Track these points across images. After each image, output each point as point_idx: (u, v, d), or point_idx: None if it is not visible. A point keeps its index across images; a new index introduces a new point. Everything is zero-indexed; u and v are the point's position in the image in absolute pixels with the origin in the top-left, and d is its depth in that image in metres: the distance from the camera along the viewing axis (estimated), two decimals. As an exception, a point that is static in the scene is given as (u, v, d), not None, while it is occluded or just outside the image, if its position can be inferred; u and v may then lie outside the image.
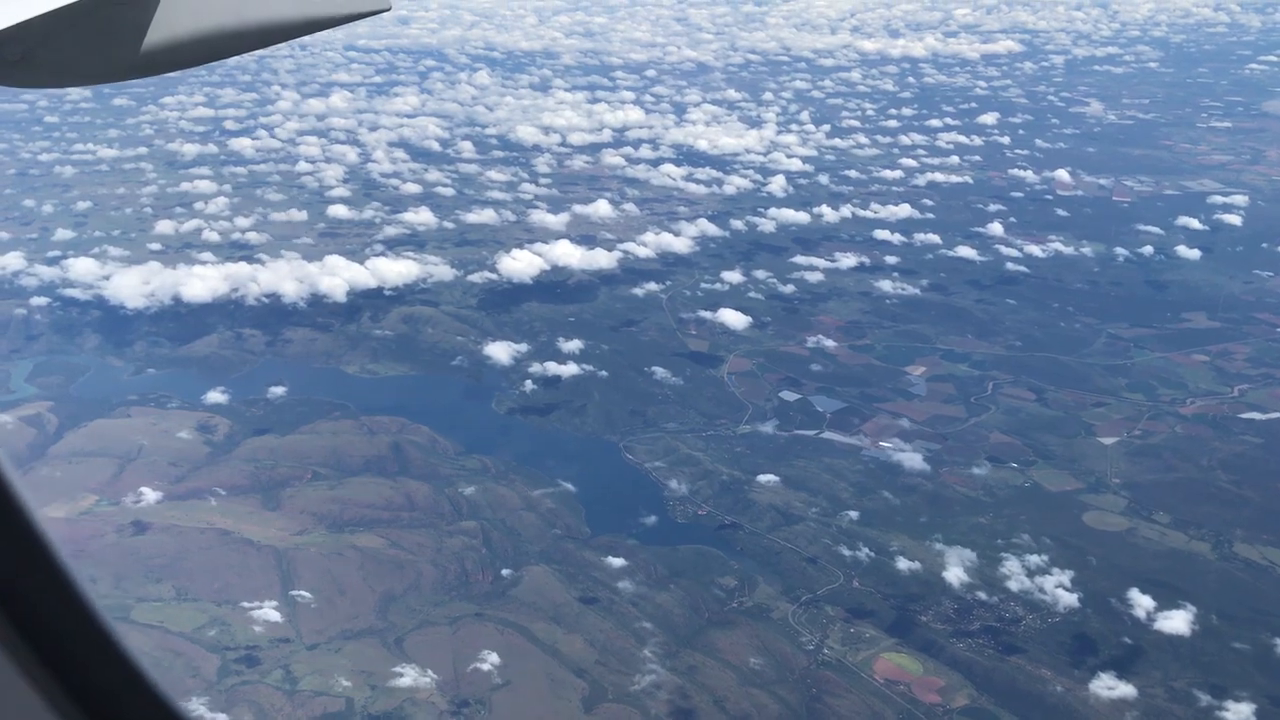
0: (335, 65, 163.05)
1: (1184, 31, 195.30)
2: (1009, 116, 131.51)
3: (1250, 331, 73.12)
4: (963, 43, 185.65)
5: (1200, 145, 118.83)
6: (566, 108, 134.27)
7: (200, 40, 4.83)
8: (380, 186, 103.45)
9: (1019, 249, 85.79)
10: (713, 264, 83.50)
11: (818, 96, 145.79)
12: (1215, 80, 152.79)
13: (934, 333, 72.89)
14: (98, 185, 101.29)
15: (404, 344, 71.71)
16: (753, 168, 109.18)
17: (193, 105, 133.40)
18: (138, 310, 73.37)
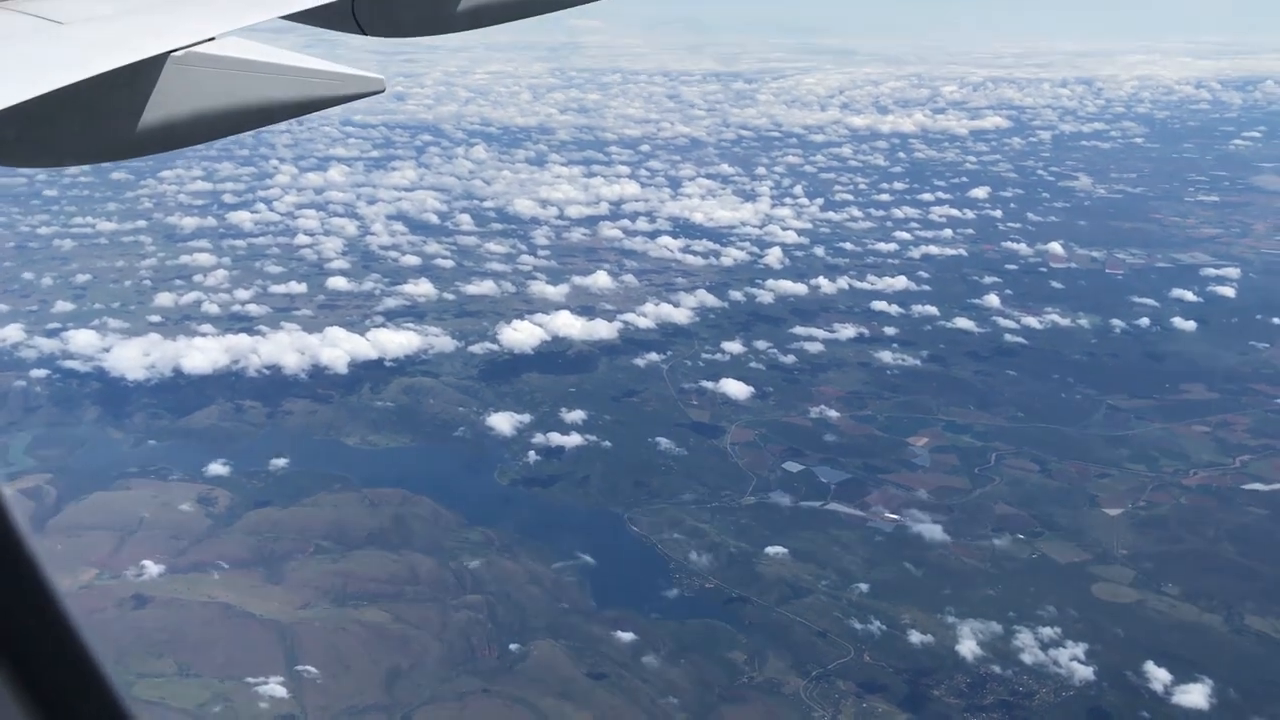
0: (332, 140, 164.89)
1: (1167, 108, 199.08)
2: (1000, 190, 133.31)
3: (1249, 402, 73.40)
4: (951, 119, 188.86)
5: (1189, 219, 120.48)
6: (563, 181, 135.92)
7: (196, 120, 4.89)
8: (379, 258, 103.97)
9: (1016, 321, 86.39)
10: (712, 334, 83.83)
11: (810, 171, 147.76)
12: (1200, 155, 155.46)
13: (935, 404, 73.00)
14: (97, 258, 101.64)
15: (405, 415, 71.48)
16: (749, 240, 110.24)
17: (191, 179, 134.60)
18: (138, 382, 73.15)
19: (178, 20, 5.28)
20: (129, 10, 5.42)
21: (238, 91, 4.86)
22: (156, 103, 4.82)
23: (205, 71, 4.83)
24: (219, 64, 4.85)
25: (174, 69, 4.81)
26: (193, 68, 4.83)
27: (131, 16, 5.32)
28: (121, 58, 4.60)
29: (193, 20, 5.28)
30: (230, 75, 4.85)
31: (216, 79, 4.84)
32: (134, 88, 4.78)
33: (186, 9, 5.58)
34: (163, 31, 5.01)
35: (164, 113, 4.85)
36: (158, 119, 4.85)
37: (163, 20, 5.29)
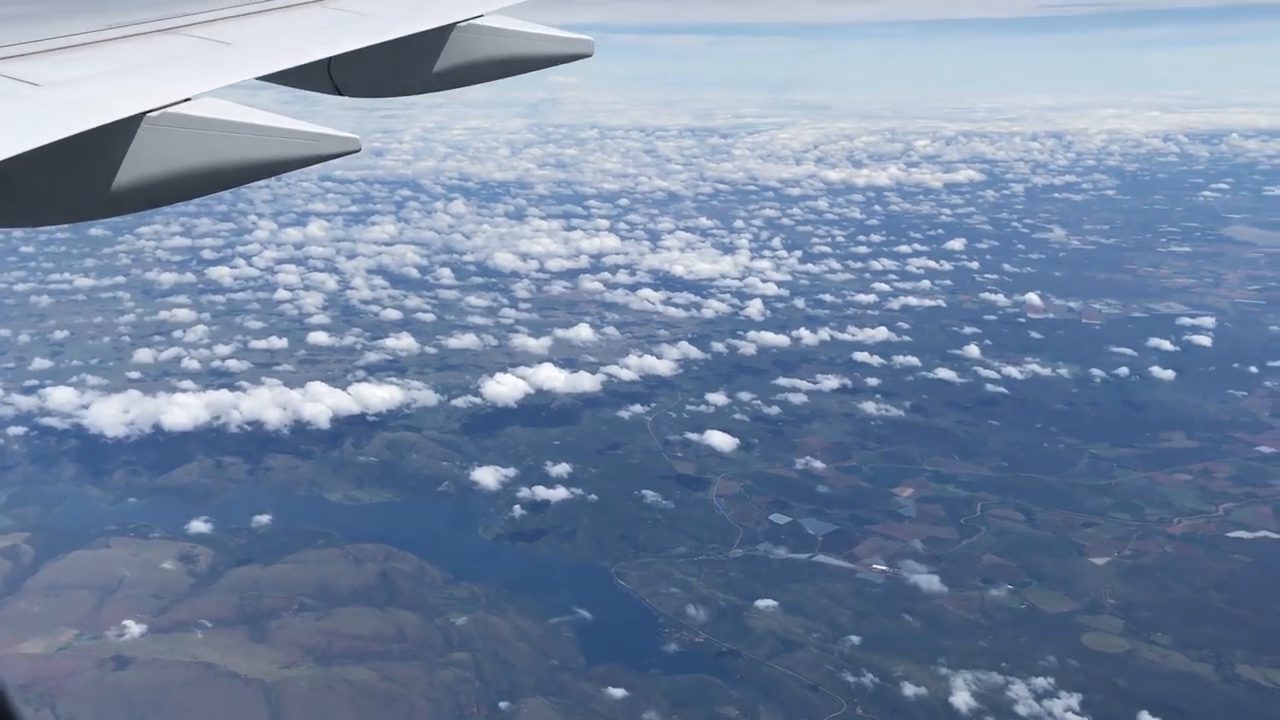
0: (311, 195, 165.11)
1: (1137, 161, 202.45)
2: (975, 242, 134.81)
3: (1229, 450, 73.92)
4: (925, 172, 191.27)
5: (1162, 269, 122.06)
6: (543, 235, 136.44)
7: (171, 180, 4.90)
8: (360, 313, 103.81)
9: (997, 371, 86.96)
10: (696, 386, 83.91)
11: (787, 224, 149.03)
12: (1171, 207, 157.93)
13: (919, 454, 73.13)
14: (74, 315, 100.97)
15: (388, 470, 70.95)
16: (729, 292, 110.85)
17: (169, 235, 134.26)
18: (117, 439, 72.38)
19: (153, 81, 5.31)
20: (105, 72, 5.43)
21: (213, 151, 4.86)
22: (131, 163, 4.82)
23: (180, 132, 4.84)
24: (194, 124, 4.86)
25: (149, 129, 4.81)
26: (168, 128, 4.84)
27: (107, 78, 5.33)
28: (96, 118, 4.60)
29: (168, 81, 5.31)
30: (205, 135, 4.85)
31: (191, 139, 4.84)
32: (108, 148, 4.78)
33: (162, 70, 5.60)
34: (138, 92, 5.03)
35: (139, 173, 4.85)
36: (132, 179, 4.85)
37: (138, 81, 5.32)
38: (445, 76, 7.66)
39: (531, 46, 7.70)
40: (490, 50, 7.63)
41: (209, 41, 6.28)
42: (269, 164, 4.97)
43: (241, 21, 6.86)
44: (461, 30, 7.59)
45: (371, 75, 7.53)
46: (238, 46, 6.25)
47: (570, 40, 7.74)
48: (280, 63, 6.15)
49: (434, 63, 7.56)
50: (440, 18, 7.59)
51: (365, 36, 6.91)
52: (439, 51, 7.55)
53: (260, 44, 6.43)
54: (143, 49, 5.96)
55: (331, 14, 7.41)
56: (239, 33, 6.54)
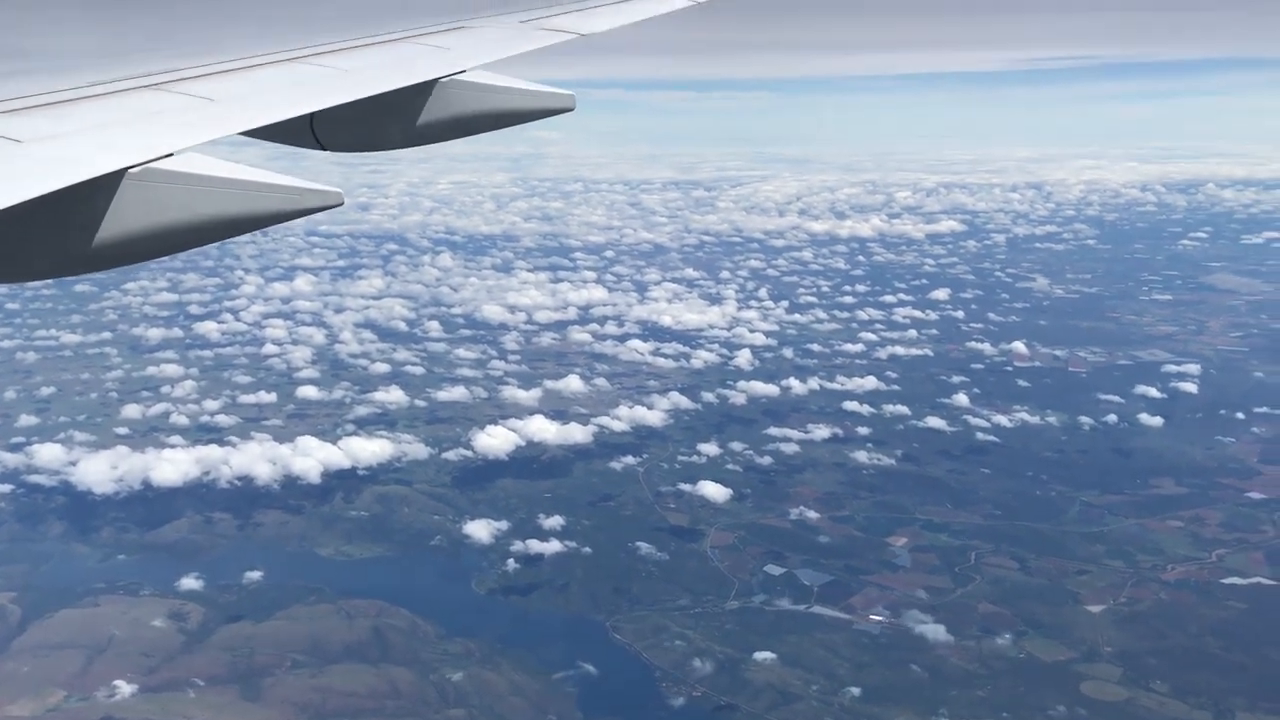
0: (298, 250, 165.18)
1: (1116, 210, 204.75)
2: (960, 292, 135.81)
3: (1219, 497, 74.21)
4: (907, 223, 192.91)
5: (1145, 317, 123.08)
6: (530, 287, 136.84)
7: (154, 235, 4.94)
8: (349, 367, 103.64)
9: (986, 419, 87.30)
10: (687, 436, 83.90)
11: (773, 274, 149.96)
12: (1151, 255, 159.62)
13: (912, 503, 73.18)
14: (61, 371, 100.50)
15: (379, 524, 70.54)
16: (717, 342, 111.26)
17: (156, 291, 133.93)
18: (105, 495, 71.82)
19: (136, 137, 5.36)
20: (88, 128, 5.48)
21: (196, 206, 4.91)
22: (114, 218, 4.85)
23: (163, 187, 4.89)
24: (176, 179, 4.91)
25: (131, 184, 4.86)
26: (150, 183, 4.88)
27: (90, 134, 5.38)
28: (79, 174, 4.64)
29: (151, 137, 5.36)
30: (188, 190, 4.90)
31: (174, 194, 4.89)
32: (91, 204, 4.81)
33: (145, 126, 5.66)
34: (121, 148, 5.08)
35: (122, 228, 4.88)
36: (116, 234, 4.89)
37: (121, 137, 5.36)
38: (428, 131, 7.73)
39: (514, 101, 7.78)
40: (473, 105, 7.70)
41: (192, 98, 6.32)
42: (252, 218, 5.02)
43: (225, 78, 6.90)
44: (444, 85, 7.65)
45: (354, 130, 7.59)
46: (221, 102, 6.29)
47: (552, 95, 7.84)
48: (263, 118, 6.20)
49: (416, 117, 7.62)
50: (423, 73, 7.66)
51: (348, 92, 6.96)
52: (421, 106, 7.61)
53: (243, 100, 6.47)
54: (126, 105, 6.01)
55: (314, 70, 7.45)
56: (222, 89, 6.59)
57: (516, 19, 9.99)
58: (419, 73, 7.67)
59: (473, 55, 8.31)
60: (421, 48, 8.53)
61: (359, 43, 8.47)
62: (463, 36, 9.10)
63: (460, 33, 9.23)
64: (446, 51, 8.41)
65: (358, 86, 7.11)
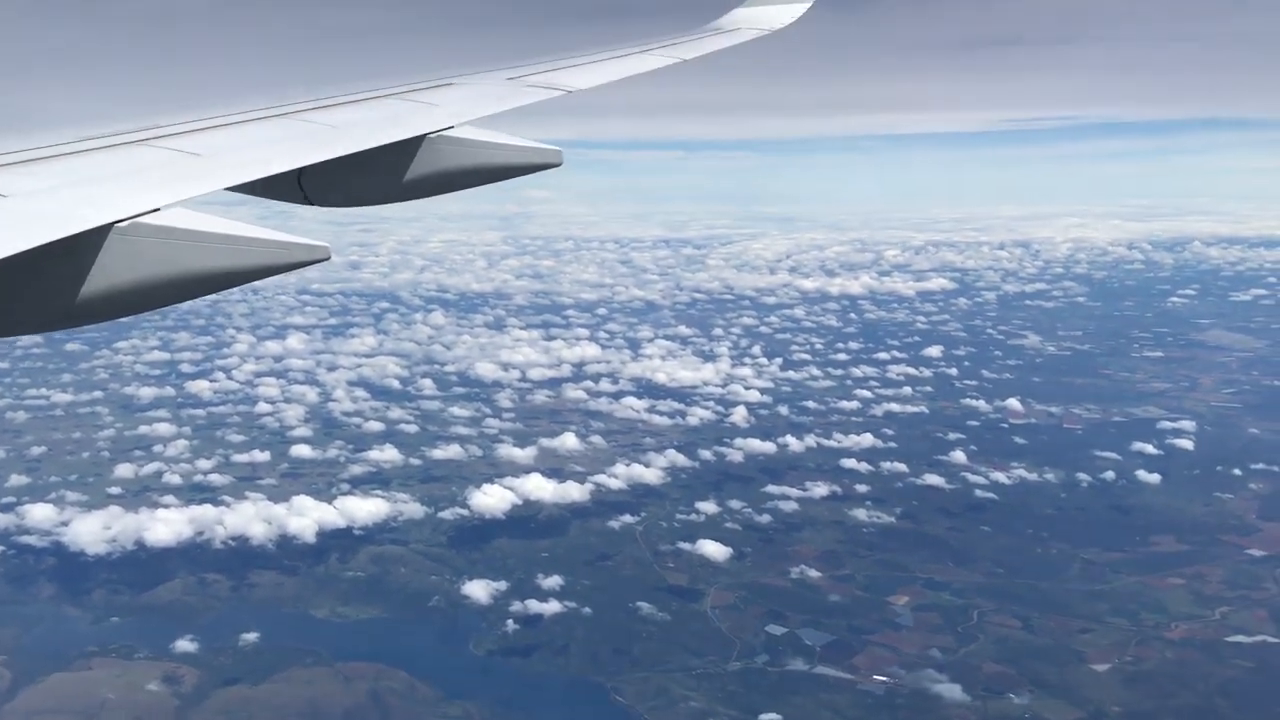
0: (289, 309, 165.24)
1: (1103, 268, 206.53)
2: (953, 349, 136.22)
3: (1219, 554, 73.96)
4: (897, 281, 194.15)
5: (1138, 374, 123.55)
6: (523, 344, 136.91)
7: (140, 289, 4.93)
8: (342, 425, 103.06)
9: (984, 476, 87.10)
10: (685, 495, 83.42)
11: (766, 332, 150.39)
12: (1140, 313, 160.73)
13: (912, 561, 72.71)
14: (52, 430, 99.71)
15: (375, 585, 69.66)
16: (713, 399, 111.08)
17: (147, 349, 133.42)
18: (98, 556, 70.88)
19: (123, 192, 5.35)
20: (75, 183, 5.47)
21: (182, 260, 4.89)
22: (100, 272, 4.84)
23: (149, 241, 4.88)
24: (163, 234, 4.90)
25: (118, 239, 4.85)
26: (137, 238, 4.87)
27: (77, 189, 5.37)
28: (65, 228, 4.63)
29: (138, 192, 5.36)
30: (174, 244, 4.89)
31: (161, 248, 4.88)
32: (78, 258, 4.80)
33: (133, 181, 5.64)
34: (107, 203, 5.08)
35: (108, 282, 4.87)
36: (102, 288, 4.87)
37: (109, 192, 5.35)
38: (416, 186, 7.73)
39: (502, 156, 7.79)
40: (461, 160, 7.71)
41: (180, 153, 6.32)
42: (239, 272, 5.01)
43: (212, 133, 6.92)
44: (432, 141, 7.66)
45: (342, 185, 7.60)
46: (208, 158, 6.30)
47: (540, 150, 7.85)
48: (251, 173, 6.22)
49: (404, 172, 7.63)
50: (411, 129, 7.68)
51: (336, 148, 6.98)
52: (409, 161, 7.62)
53: (231, 155, 6.48)
54: (113, 160, 6.01)
55: (302, 125, 7.47)
56: (210, 144, 6.61)
57: (504, 75, 10.03)
58: (407, 128, 7.69)
59: (461, 111, 8.34)
60: (409, 104, 8.54)
61: (347, 99, 8.50)
62: (450, 93, 9.10)
63: (448, 89, 9.24)
64: (434, 108, 8.41)
65: (346, 142, 7.14)
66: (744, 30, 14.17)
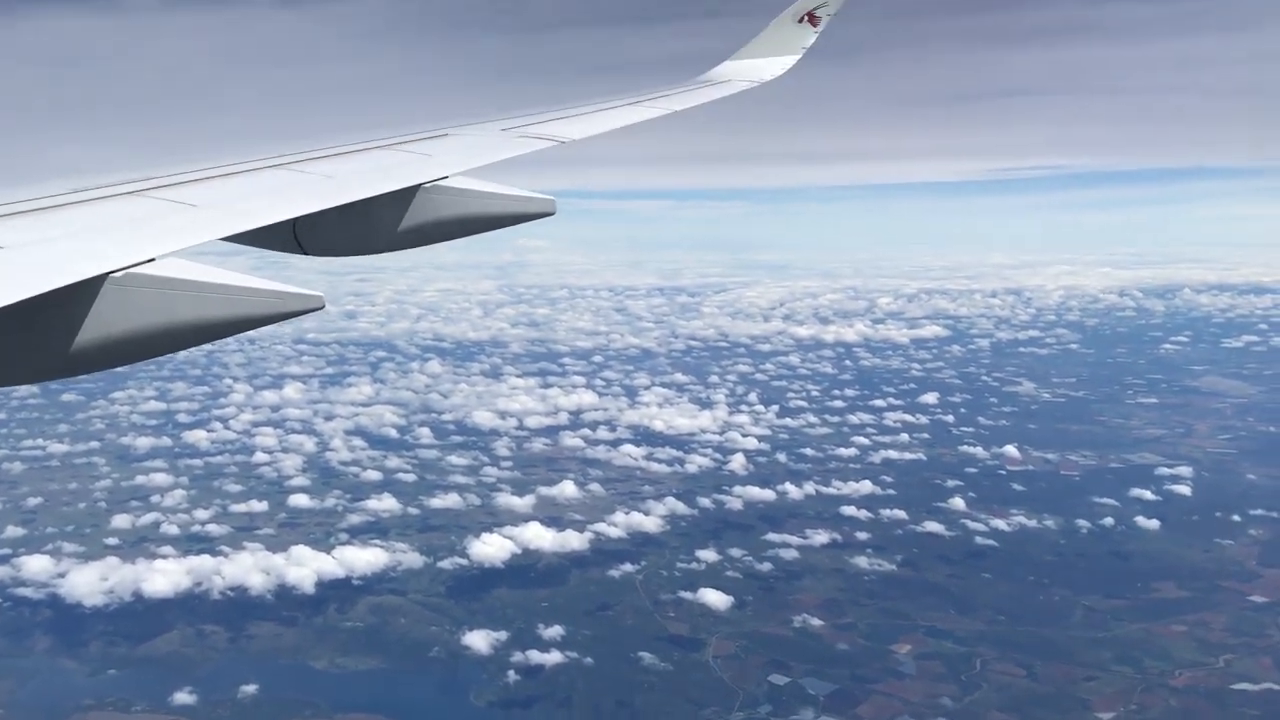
0: (286, 358, 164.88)
1: (1096, 315, 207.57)
2: (948, 396, 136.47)
3: (1221, 600, 73.87)
4: (891, 328, 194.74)
5: (1133, 420, 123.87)
6: (520, 393, 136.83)
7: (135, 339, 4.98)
8: (340, 474, 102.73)
9: (984, 523, 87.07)
10: (685, 543, 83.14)
11: (762, 379, 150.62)
12: (1134, 360, 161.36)
13: (914, 609, 72.47)
14: (48, 481, 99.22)
15: (375, 636, 69.15)
16: (710, 447, 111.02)
17: (144, 399, 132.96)
18: (95, 608, 70.35)
19: (118, 243, 5.40)
20: (70, 234, 5.54)
21: (177, 310, 4.94)
22: (95, 323, 4.88)
23: (144, 291, 4.91)
24: (157, 284, 4.94)
25: (112, 289, 4.89)
26: (131, 288, 4.91)
27: (72, 240, 5.43)
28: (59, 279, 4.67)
29: (133, 242, 5.40)
30: (169, 294, 4.93)
31: (155, 298, 4.92)
32: (72, 308, 4.85)
33: (127, 231, 5.69)
34: (102, 253, 5.12)
35: (103, 332, 4.91)
36: (96, 338, 4.91)
37: (103, 243, 5.40)
38: (410, 235, 7.76)
39: (496, 206, 7.85)
40: (455, 210, 7.76)
41: (175, 203, 6.36)
42: (234, 321, 5.04)
43: (207, 184, 6.96)
44: (426, 191, 7.71)
45: (337, 235, 7.64)
46: (203, 208, 6.34)
47: (533, 199, 7.91)
48: (245, 223, 6.25)
49: (399, 222, 7.65)
50: (405, 179, 7.73)
51: (331, 197, 7.01)
52: (404, 211, 7.65)
53: (226, 205, 6.52)
54: (108, 211, 6.05)
55: (297, 176, 7.52)
56: (204, 195, 6.64)
57: (498, 126, 10.13)
58: (402, 178, 7.74)
59: (455, 162, 8.40)
60: (404, 154, 8.61)
61: (342, 149, 8.55)
62: (445, 143, 9.19)
63: (442, 140, 9.33)
64: (429, 158, 8.49)
65: (341, 192, 7.18)
66: (734, 83, 14.38)
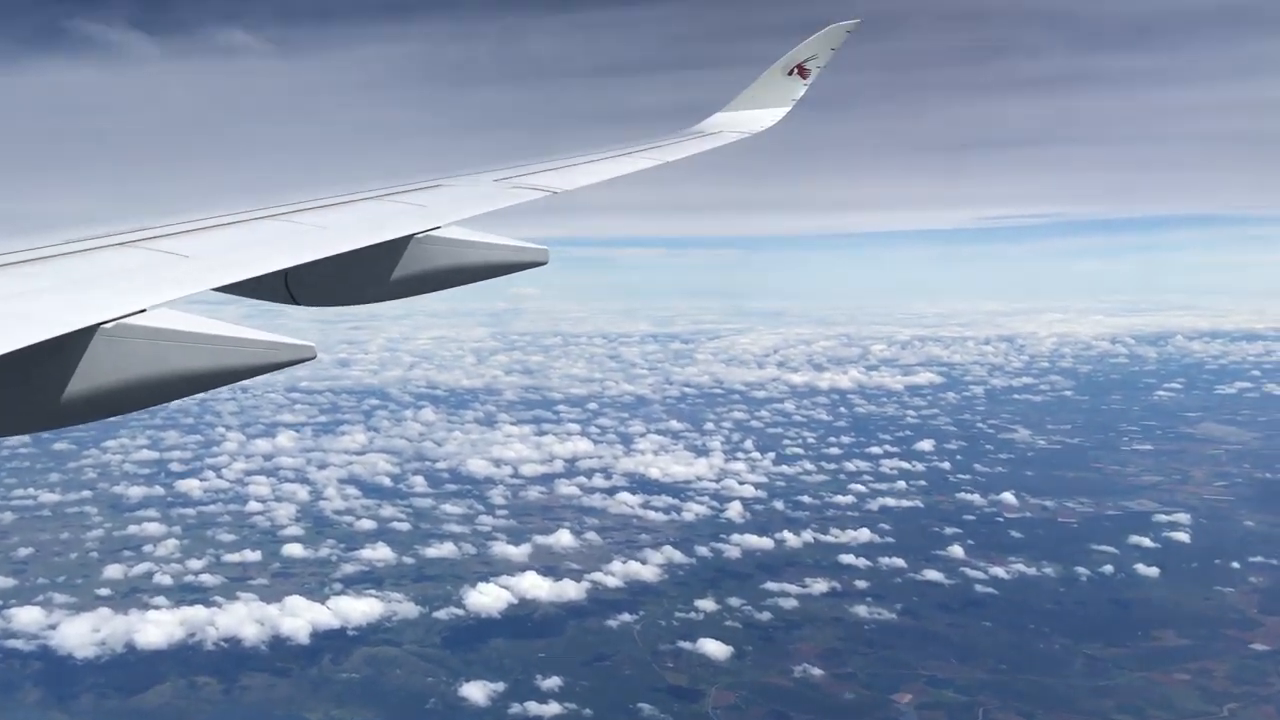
0: (279, 406, 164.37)
1: (1088, 362, 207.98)
2: (944, 443, 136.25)
3: (1223, 649, 73.44)
4: (885, 375, 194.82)
5: (1129, 467, 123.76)
6: (515, 440, 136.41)
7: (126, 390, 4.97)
8: (334, 524, 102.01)
9: (983, 571, 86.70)
10: (683, 592, 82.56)
11: (757, 426, 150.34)
12: (1128, 406, 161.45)
13: (915, 658, 71.90)
14: (39, 531, 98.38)
15: (370, 687, 68.37)
16: (707, 494, 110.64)
17: (136, 448, 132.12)
18: (87, 660, 69.52)
19: (109, 293, 5.40)
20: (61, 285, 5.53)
21: (168, 361, 4.92)
22: (85, 373, 4.86)
23: (135, 342, 4.91)
24: (148, 334, 4.93)
25: (103, 340, 4.88)
26: (122, 339, 4.90)
27: (63, 291, 5.42)
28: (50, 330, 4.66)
29: (124, 293, 5.39)
30: (160, 345, 4.92)
31: (146, 349, 4.91)
32: (63, 359, 4.83)
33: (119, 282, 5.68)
34: (93, 304, 5.12)
35: (93, 383, 4.89)
36: (87, 389, 4.89)
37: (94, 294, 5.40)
38: (403, 285, 7.74)
39: (489, 255, 7.83)
40: (448, 259, 7.74)
41: (167, 254, 6.36)
42: (225, 372, 5.03)
43: (200, 235, 6.97)
44: (419, 241, 7.68)
45: (329, 285, 7.63)
46: (195, 259, 6.33)
47: (526, 249, 7.90)
48: (238, 274, 6.24)
49: (391, 272, 7.64)
50: (398, 230, 7.71)
51: (323, 248, 6.99)
52: (397, 261, 7.63)
53: (218, 256, 6.51)
54: (99, 262, 6.04)
55: (290, 226, 7.51)
56: (197, 245, 6.63)
57: (491, 177, 10.14)
58: (395, 229, 7.72)
59: (448, 212, 8.39)
60: (398, 205, 8.59)
61: (335, 200, 8.55)
62: (438, 194, 9.19)
63: (436, 190, 9.32)
64: (422, 209, 8.48)
65: (333, 243, 7.15)
66: (725, 134, 14.45)
